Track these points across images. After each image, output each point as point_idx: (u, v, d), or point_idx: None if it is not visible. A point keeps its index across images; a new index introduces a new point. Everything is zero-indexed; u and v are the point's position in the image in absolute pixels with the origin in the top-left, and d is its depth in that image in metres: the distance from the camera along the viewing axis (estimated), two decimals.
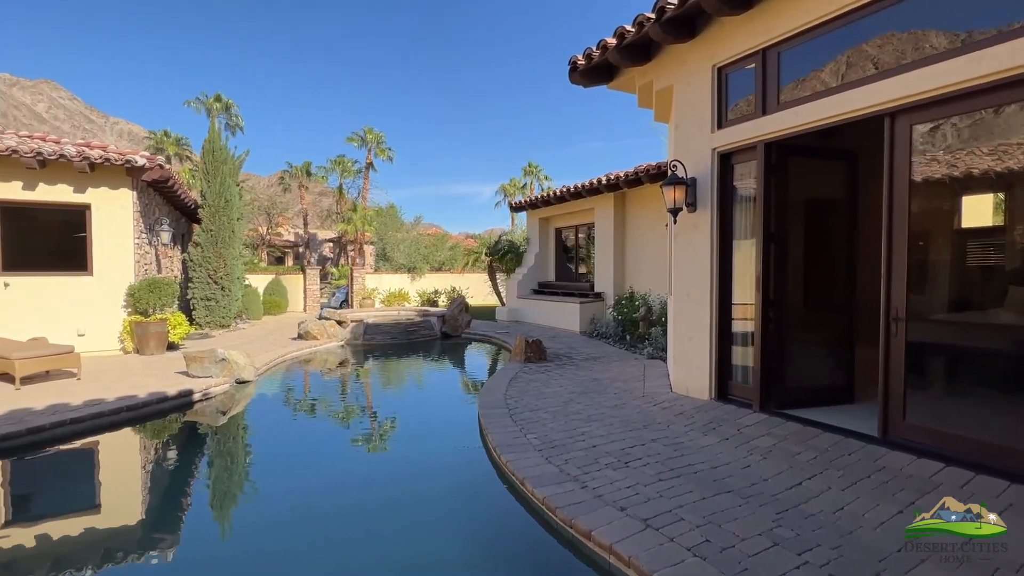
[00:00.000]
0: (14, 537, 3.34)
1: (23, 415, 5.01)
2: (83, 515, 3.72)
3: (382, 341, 10.68)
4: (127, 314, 8.87)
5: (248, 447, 5.25)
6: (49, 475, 4.46)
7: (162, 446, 5.26)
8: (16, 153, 7.72)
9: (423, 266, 23.16)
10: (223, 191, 12.40)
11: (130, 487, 4.28)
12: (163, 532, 3.49)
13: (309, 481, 4.27)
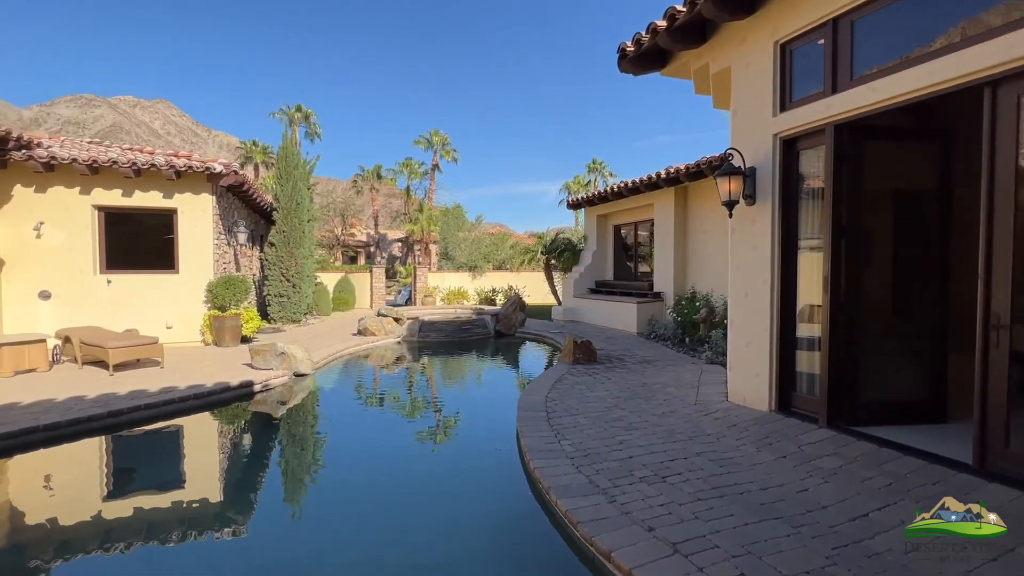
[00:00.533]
0: (91, 509, 3.68)
1: (108, 399, 5.56)
2: (150, 493, 4.03)
3: (436, 338, 10.86)
4: (207, 309, 9.66)
5: (295, 438, 5.47)
6: (124, 454, 4.90)
7: (221, 432, 5.64)
8: (116, 164, 8.64)
9: (484, 265, 23.40)
10: (294, 194, 13.20)
11: (189, 468, 4.60)
12: (216, 509, 3.69)
13: (346, 472, 4.39)
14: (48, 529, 3.47)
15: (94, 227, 9.12)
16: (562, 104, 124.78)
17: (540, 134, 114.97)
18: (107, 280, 9.16)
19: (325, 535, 3.31)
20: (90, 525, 3.49)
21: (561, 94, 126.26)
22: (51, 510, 3.76)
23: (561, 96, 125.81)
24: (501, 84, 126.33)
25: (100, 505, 3.82)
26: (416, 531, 3.31)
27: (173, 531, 3.40)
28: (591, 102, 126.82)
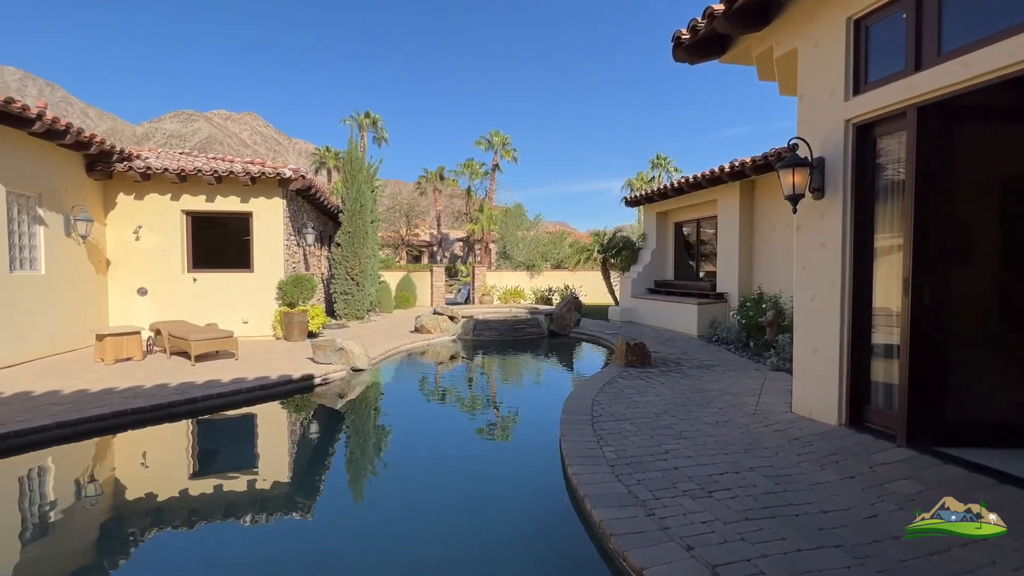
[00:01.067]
0: (165, 485, 4.04)
1: (187, 387, 6.08)
2: (215, 474, 4.36)
3: (489, 337, 10.94)
4: (277, 305, 10.34)
5: (349, 429, 5.70)
6: (197, 438, 5.34)
7: (282, 421, 6.00)
8: (200, 172, 9.45)
9: (541, 264, 23.33)
10: (358, 196, 13.82)
11: (250, 453, 4.92)
12: (274, 492, 3.92)
13: (394, 465, 4.52)
14: (129, 501, 3.84)
15: (183, 230, 10.03)
16: (626, 101, 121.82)
17: (604, 131, 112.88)
18: (193, 278, 10.05)
19: (369, 522, 3.41)
20: (164, 500, 3.82)
21: (625, 90, 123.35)
22: (133, 485, 4.16)
23: (625, 93, 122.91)
24: (564, 85, 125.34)
25: (172, 482, 4.18)
26: (451, 527, 3.32)
27: (235, 509, 3.64)
28: (656, 97, 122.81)
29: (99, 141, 8.47)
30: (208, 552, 3.15)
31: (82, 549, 3.25)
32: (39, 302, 7.84)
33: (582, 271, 20.91)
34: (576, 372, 8.76)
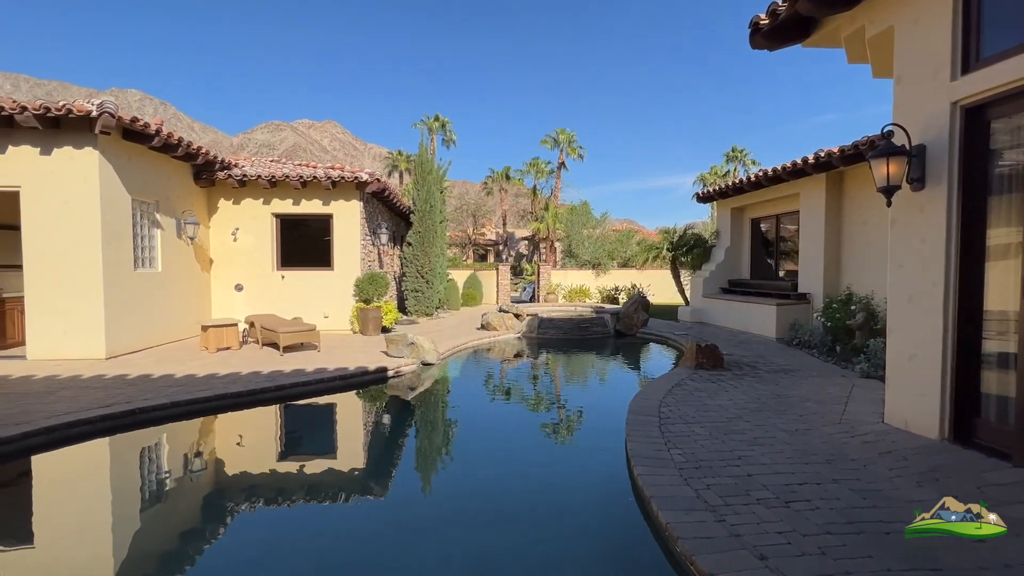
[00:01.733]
0: (255, 463, 4.47)
1: (276, 376, 6.65)
2: (298, 455, 4.76)
3: (554, 335, 10.95)
4: (355, 301, 10.99)
5: (419, 420, 5.97)
6: (284, 421, 5.83)
7: (357, 409, 6.39)
8: (288, 178, 10.25)
9: (608, 262, 22.94)
10: (428, 198, 14.34)
11: (328, 438, 5.30)
12: (350, 474, 4.22)
13: (459, 457, 4.67)
14: (227, 476, 4.29)
15: (273, 232, 10.94)
16: (700, 92, 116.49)
17: (675, 126, 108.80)
18: (281, 276, 10.93)
19: (437, 510, 3.57)
20: (255, 476, 4.22)
21: (698, 81, 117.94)
22: (230, 461, 4.64)
23: (699, 84, 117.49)
24: (632, 79, 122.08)
25: (262, 460, 4.61)
26: (513, 521, 3.40)
27: (315, 489, 3.95)
28: (731, 87, 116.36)
29: (204, 152, 9.44)
30: (291, 525, 3.45)
31: (182, 515, 3.68)
32: (156, 296, 8.88)
33: (650, 270, 20.32)
34: (643, 373, 8.56)
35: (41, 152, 7.39)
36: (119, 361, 7.48)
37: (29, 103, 6.91)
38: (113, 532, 3.42)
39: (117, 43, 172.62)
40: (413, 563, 2.95)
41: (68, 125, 7.33)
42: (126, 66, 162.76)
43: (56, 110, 6.94)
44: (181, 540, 3.31)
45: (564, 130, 37.56)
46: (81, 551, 3.14)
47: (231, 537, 3.33)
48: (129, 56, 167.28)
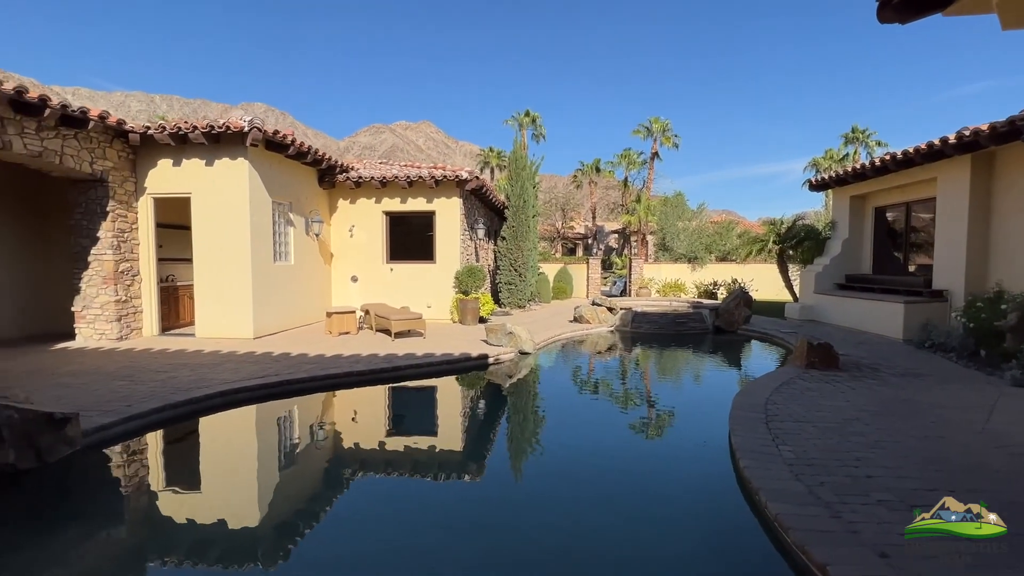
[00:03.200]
0: (371, 436, 5.09)
1: (391, 358, 7.37)
2: (408, 434, 5.32)
3: (649, 330, 10.82)
4: (454, 293, 11.69)
5: (517, 407, 6.32)
6: (396, 400, 6.48)
7: (461, 393, 6.89)
8: (397, 178, 11.16)
9: (704, 256, 21.94)
10: (522, 193, 14.73)
11: (434, 417, 5.83)
12: (452, 452, 4.67)
13: (556, 445, 4.92)
14: (347, 448, 4.93)
15: (383, 228, 11.96)
16: (810, 68, 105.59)
17: (781, 106, 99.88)
18: (390, 268, 11.94)
19: (537, 496, 3.85)
20: (370, 448, 4.81)
21: (809, 56, 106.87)
22: (351, 432, 5.30)
23: (809, 59, 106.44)
24: (730, 51, 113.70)
25: (377, 433, 5.21)
26: (616, 507, 3.57)
27: (421, 464, 4.43)
28: (849, 61, 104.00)
29: (327, 158, 10.58)
30: (395, 494, 3.91)
31: (317, 471, 4.31)
32: (290, 286, 10.17)
33: (752, 264, 19.17)
34: (744, 371, 8.22)
35: (206, 164, 8.79)
36: (263, 341, 8.71)
37: (198, 123, 8.28)
38: (262, 480, 4.13)
39: (243, 63, 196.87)
40: (526, 546, 3.24)
41: (226, 140, 8.64)
42: (251, 81, 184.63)
43: (217, 128, 8.23)
44: (310, 493, 3.92)
45: (658, 118, 36.21)
46: (236, 495, 3.86)
47: (357, 492, 3.88)
48: (253, 73, 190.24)
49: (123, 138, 8.55)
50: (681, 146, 37.46)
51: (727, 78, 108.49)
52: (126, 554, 3.04)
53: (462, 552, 2.99)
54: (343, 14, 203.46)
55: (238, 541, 3.15)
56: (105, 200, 8.36)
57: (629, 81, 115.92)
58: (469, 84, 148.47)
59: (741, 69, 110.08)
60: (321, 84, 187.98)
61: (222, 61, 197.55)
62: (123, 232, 8.61)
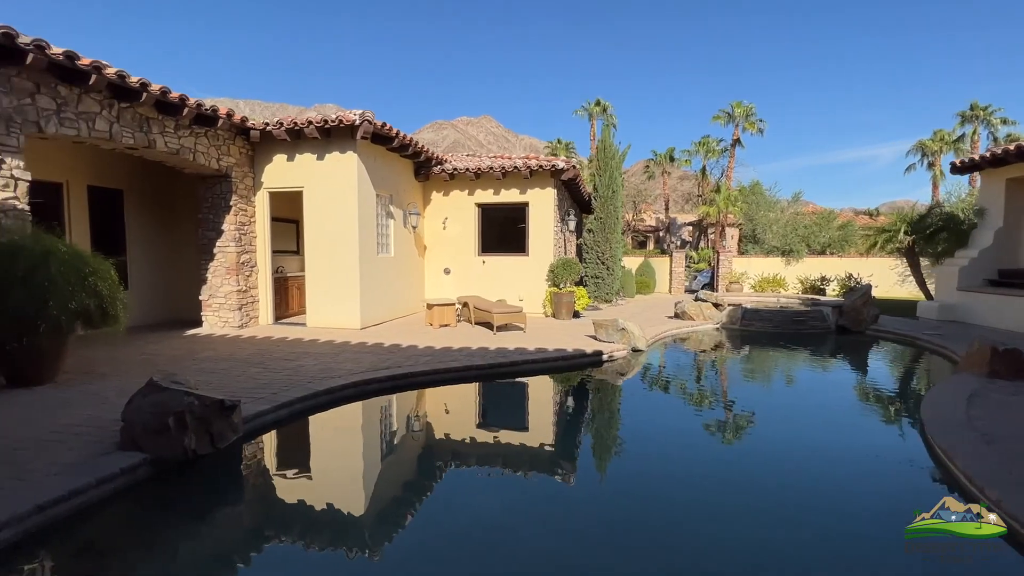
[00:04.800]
0: (498, 428, 4.87)
1: (503, 352, 7.18)
2: (526, 431, 5.06)
3: (762, 328, 10.00)
4: (547, 286, 11.40)
5: (638, 406, 5.90)
6: (521, 395, 6.27)
7: (578, 390, 6.57)
8: (492, 169, 10.99)
9: (801, 249, 20.27)
10: (611, 183, 14.15)
11: (550, 415, 5.54)
12: (580, 451, 4.35)
13: (688, 455, 4.46)
14: (479, 445, 4.73)
15: (475, 220, 11.87)
16: (904, 54, 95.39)
17: (869, 87, 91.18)
18: (482, 261, 11.84)
19: (690, 506, 3.44)
20: (502, 447, 4.58)
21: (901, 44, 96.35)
22: (480, 430, 5.12)
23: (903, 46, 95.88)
24: (811, 50, 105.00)
25: (507, 425, 4.99)
26: (778, 514, 3.09)
27: (549, 462, 4.14)
28: (962, 33, 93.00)
29: (425, 150, 10.58)
30: (546, 495, 3.63)
31: (453, 470, 4.13)
32: (390, 278, 10.30)
33: (866, 257, 17.48)
34: (894, 379, 7.31)
35: (317, 158, 9.01)
36: (369, 332, 8.84)
37: (313, 118, 8.47)
38: (410, 472, 4.00)
39: (316, 65, 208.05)
40: (712, 551, 2.86)
41: (336, 134, 8.79)
42: (322, 83, 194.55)
43: (331, 122, 8.38)
44: (458, 485, 3.72)
45: (740, 103, 33.95)
46: (389, 484, 3.73)
47: (509, 490, 3.64)
48: (324, 74, 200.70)
49: (244, 135, 8.93)
50: (766, 132, 34.98)
51: (804, 63, 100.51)
52: (303, 535, 2.97)
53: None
54: (406, 14, 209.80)
55: (392, 529, 3.02)
56: (229, 195, 8.79)
57: (702, 71, 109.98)
58: (530, 77, 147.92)
59: (821, 50, 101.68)
60: (384, 83, 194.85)
61: (296, 64, 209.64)
62: (243, 225, 9.02)
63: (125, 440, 3.57)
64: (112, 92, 6.51)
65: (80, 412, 4.42)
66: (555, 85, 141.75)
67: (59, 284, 4.90)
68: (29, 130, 5.72)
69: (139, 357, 6.84)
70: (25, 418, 4.26)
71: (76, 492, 2.98)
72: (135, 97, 6.61)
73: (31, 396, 4.92)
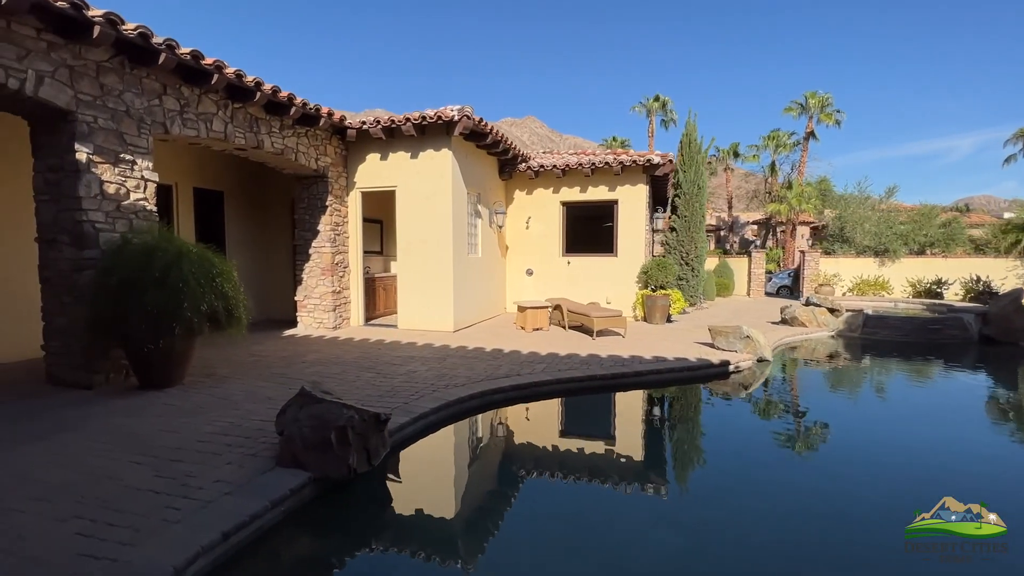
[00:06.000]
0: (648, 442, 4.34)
1: (620, 361, 6.66)
2: (685, 446, 4.50)
3: (888, 337, 8.98)
4: (638, 288, 10.78)
5: (779, 426, 5.21)
6: (655, 408, 5.73)
7: (712, 405, 5.95)
8: (581, 166, 10.49)
9: (898, 248, 18.59)
10: (696, 179, 13.32)
11: (701, 431, 4.95)
12: (731, 476, 3.75)
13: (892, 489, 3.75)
14: (625, 461, 4.22)
15: (560, 219, 11.40)
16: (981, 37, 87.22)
17: (943, 75, 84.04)
18: (567, 261, 11.36)
19: None
20: (648, 465, 4.05)
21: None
22: (618, 443, 4.61)
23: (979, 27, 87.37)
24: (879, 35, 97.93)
25: (651, 449, 4.45)
26: None
27: (692, 480, 3.56)
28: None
29: (513, 147, 10.21)
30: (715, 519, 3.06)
31: (607, 488, 3.62)
32: (478, 279, 10.00)
33: (961, 257, 15.80)
34: None
35: (411, 156, 8.81)
36: (462, 335, 8.53)
37: (410, 115, 8.25)
38: (564, 488, 3.54)
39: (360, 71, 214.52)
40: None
41: (431, 131, 8.55)
42: (367, 88, 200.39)
43: (429, 118, 8.13)
44: (615, 503, 3.22)
45: (815, 93, 31.84)
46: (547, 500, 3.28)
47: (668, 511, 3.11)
48: (368, 79, 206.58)
49: (339, 135, 8.85)
50: (833, 125, 32.58)
51: (869, 60, 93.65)
52: (492, 562, 2.57)
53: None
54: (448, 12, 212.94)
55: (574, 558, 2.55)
56: (325, 195, 8.72)
57: (762, 64, 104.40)
58: (573, 76, 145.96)
59: (894, 37, 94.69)
60: (428, 84, 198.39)
61: (343, 69, 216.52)
62: (337, 226, 8.94)
63: (284, 455, 3.31)
64: (227, 92, 6.48)
65: (218, 418, 4.26)
66: (603, 84, 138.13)
67: (191, 285, 4.80)
68: (156, 131, 5.73)
69: (248, 358, 6.79)
70: (168, 424, 4.14)
71: (255, 516, 2.72)
72: (249, 97, 6.56)
73: (165, 399, 4.85)
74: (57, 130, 5.00)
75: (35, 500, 2.86)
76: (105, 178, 5.18)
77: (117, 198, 5.31)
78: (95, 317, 4.69)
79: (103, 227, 5.16)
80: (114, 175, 5.27)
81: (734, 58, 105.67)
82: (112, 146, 5.24)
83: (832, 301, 9.91)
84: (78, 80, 4.93)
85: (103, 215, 5.18)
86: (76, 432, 3.94)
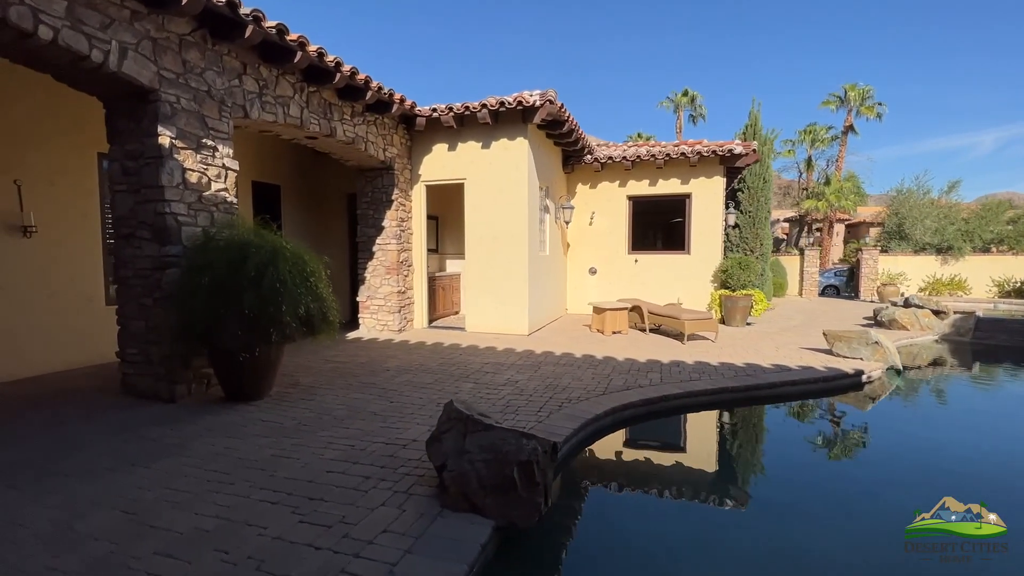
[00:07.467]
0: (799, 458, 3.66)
1: (735, 369, 5.97)
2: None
3: (1008, 342, 8.16)
4: (713, 288, 10.06)
5: (924, 445, 4.49)
6: (794, 430, 5.04)
7: (857, 419, 5.23)
8: (654, 157, 9.79)
9: (963, 245, 17.61)
10: (762, 172, 12.55)
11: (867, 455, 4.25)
12: None
13: None
14: None
15: (626, 214, 10.71)
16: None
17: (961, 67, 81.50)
18: (634, 259, 10.66)
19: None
20: None
21: None
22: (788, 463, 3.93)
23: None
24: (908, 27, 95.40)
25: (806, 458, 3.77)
26: None
27: None
28: None
29: (583, 138, 9.53)
30: None
31: None
32: (546, 279, 9.35)
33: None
34: None
35: (482, 146, 8.17)
36: (536, 338, 7.89)
37: (486, 101, 7.61)
38: None
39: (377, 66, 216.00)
40: None
41: (504, 119, 7.89)
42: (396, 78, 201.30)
43: (507, 104, 7.47)
44: None
45: (855, 85, 30.64)
46: None
47: None
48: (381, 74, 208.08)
49: (405, 124, 8.26)
50: (875, 117, 31.36)
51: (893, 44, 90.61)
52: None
53: None
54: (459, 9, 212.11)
55: None
56: (391, 188, 8.13)
57: (794, 58, 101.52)
58: (591, 72, 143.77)
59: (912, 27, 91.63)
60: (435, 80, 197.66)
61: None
62: (403, 221, 8.35)
63: (454, 497, 2.69)
64: (303, 75, 5.91)
65: (332, 440, 3.67)
66: (625, 80, 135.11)
67: (289, 286, 4.22)
68: (237, 115, 5.16)
69: (325, 365, 6.22)
70: (279, 448, 3.55)
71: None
72: (327, 79, 5.98)
73: (259, 414, 4.28)
74: (138, 112, 4.45)
75: (163, 557, 2.27)
76: (187, 165, 4.62)
77: (199, 188, 4.74)
78: (186, 322, 4.12)
79: (185, 220, 4.60)
80: (196, 162, 4.71)
81: (756, 52, 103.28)
82: (194, 130, 4.68)
83: (936, 302, 9.11)
84: (161, 55, 4.37)
85: (185, 207, 4.62)
86: (179, 458, 3.36)
